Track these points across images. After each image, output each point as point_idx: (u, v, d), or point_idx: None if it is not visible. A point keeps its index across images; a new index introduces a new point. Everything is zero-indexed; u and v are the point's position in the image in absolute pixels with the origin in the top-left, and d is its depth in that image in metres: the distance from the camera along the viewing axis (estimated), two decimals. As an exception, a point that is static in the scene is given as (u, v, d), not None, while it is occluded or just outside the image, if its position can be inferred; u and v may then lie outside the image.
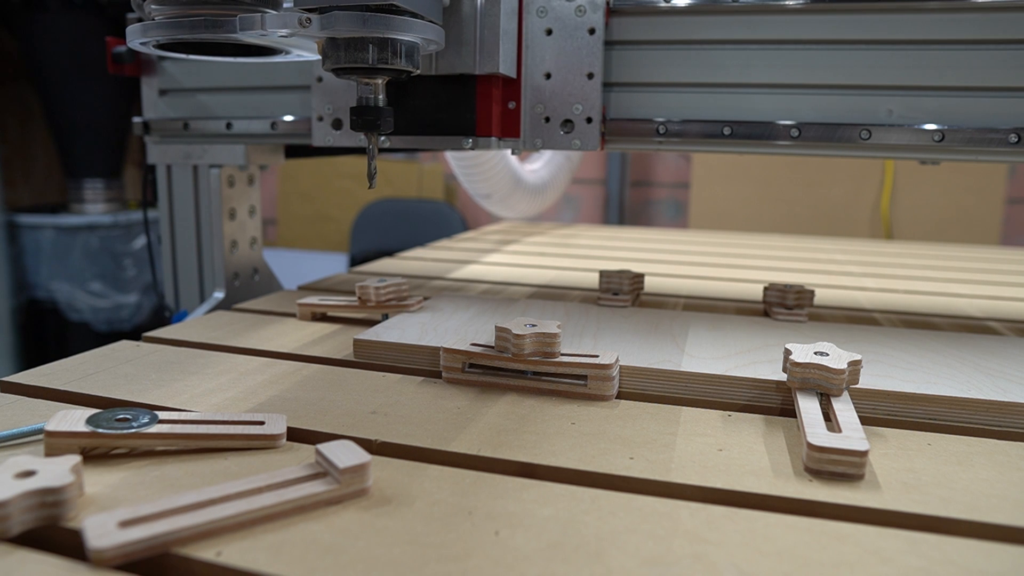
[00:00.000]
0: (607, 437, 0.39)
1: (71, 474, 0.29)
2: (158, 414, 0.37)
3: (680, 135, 0.62)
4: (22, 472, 0.29)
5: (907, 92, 0.58)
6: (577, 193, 2.09)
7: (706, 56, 0.61)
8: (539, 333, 0.45)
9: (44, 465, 0.30)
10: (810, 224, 1.77)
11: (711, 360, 0.49)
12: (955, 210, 1.72)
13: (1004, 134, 0.56)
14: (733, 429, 0.40)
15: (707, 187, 1.85)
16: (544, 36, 0.62)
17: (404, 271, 0.90)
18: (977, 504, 0.32)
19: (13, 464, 0.29)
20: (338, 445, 0.33)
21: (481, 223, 1.55)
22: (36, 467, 0.29)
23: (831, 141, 0.59)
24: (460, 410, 0.42)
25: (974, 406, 0.42)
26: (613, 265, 0.91)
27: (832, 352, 0.43)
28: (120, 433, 0.35)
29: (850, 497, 0.33)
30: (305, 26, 0.47)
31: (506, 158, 1.05)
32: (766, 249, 1.22)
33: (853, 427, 0.37)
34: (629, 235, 1.41)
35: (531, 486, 0.33)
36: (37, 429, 0.37)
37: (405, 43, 0.50)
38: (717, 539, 0.29)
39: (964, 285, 0.92)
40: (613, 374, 0.45)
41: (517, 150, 0.66)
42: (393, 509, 0.31)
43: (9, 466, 0.29)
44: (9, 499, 0.27)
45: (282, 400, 0.43)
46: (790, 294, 0.66)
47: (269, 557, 0.27)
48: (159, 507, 0.28)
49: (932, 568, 0.27)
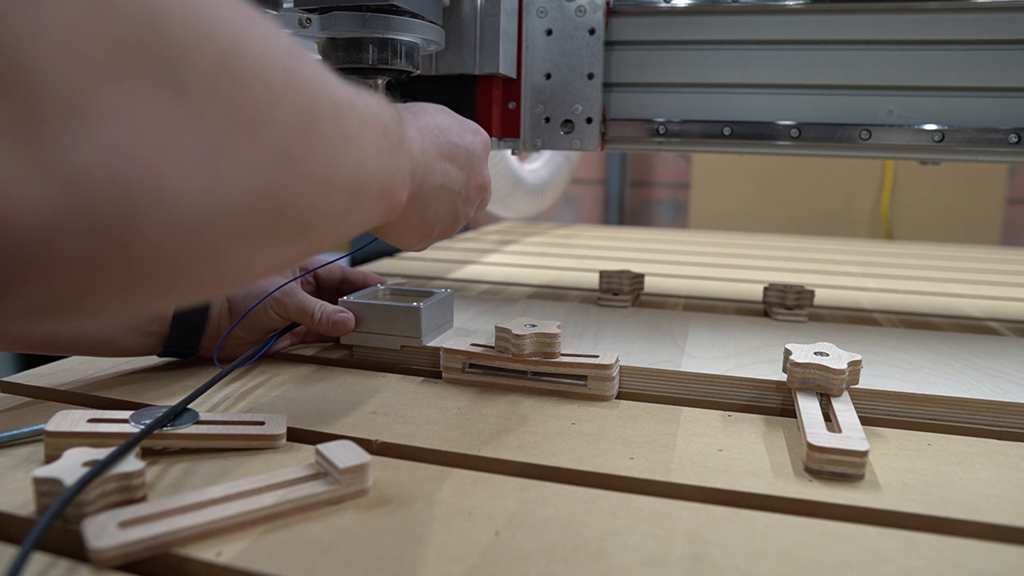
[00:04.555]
0: (607, 437, 0.39)
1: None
2: (197, 412, 0.37)
3: (680, 135, 0.62)
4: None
5: (907, 92, 0.58)
6: (577, 193, 2.09)
7: (706, 56, 0.61)
8: (539, 333, 0.45)
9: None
10: (810, 224, 1.77)
11: (711, 360, 0.49)
12: (955, 210, 1.72)
13: (1004, 134, 0.56)
14: (733, 429, 0.40)
15: (707, 187, 1.85)
16: (544, 36, 0.62)
17: (404, 271, 0.90)
18: (977, 504, 0.32)
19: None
20: (338, 445, 0.33)
21: (481, 223, 1.55)
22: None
23: (831, 141, 0.59)
24: (460, 410, 0.42)
25: (974, 406, 0.42)
26: (613, 265, 0.91)
27: (832, 352, 0.43)
28: (120, 433, 0.35)
29: (850, 497, 0.33)
30: (305, 26, 0.47)
31: (506, 158, 1.05)
32: (766, 249, 1.22)
33: (853, 427, 0.37)
34: (629, 235, 1.41)
35: (531, 486, 0.33)
36: (37, 430, 0.37)
37: (405, 43, 0.50)
38: (717, 539, 0.29)
39: (964, 285, 0.92)
40: (613, 374, 0.45)
41: (517, 150, 0.66)
42: (393, 509, 0.31)
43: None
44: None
45: (282, 400, 0.43)
46: (790, 294, 0.66)
47: (269, 557, 0.27)
48: (159, 507, 0.28)
49: (932, 568, 0.27)
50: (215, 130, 0.19)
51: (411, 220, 0.39)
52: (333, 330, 0.50)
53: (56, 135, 0.16)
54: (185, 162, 0.19)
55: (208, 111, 0.19)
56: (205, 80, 0.19)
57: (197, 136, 0.19)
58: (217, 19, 0.20)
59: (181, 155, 0.18)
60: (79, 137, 0.16)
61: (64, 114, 0.16)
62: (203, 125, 0.19)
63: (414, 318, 0.50)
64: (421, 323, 0.50)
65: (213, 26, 0.19)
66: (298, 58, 0.23)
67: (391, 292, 0.56)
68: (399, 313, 0.50)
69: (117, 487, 0.29)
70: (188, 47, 0.19)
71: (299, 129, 0.22)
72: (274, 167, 0.21)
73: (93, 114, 0.17)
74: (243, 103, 0.20)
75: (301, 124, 0.23)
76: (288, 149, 0.22)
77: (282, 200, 0.22)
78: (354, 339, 0.51)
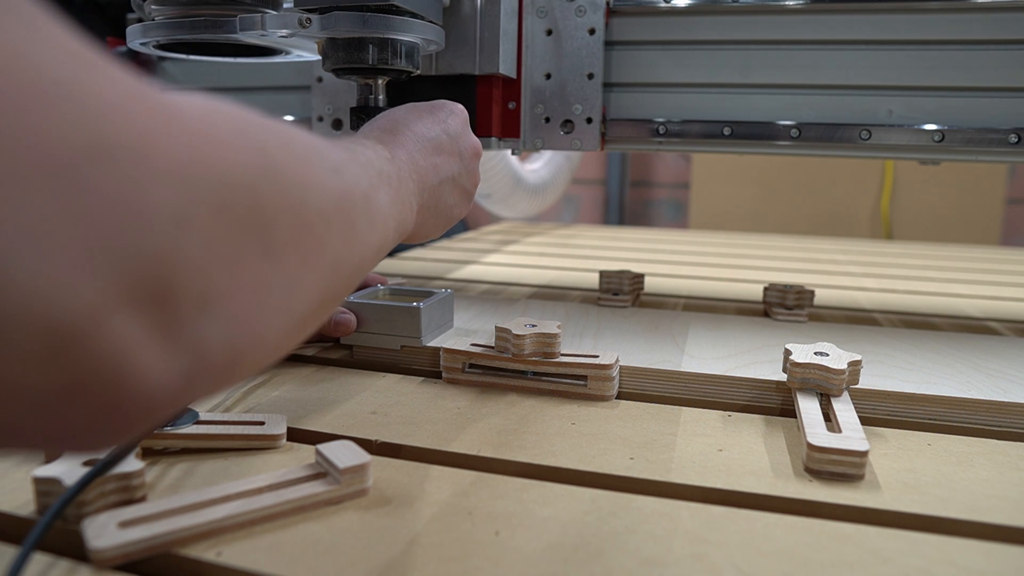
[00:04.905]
0: (607, 437, 0.39)
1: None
2: (198, 412, 0.37)
3: (680, 135, 0.62)
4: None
5: (907, 92, 0.58)
6: (577, 193, 2.09)
7: (706, 56, 0.61)
8: (539, 333, 0.45)
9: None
10: (810, 224, 1.77)
11: (711, 360, 0.49)
12: (955, 210, 1.72)
13: (1004, 134, 0.56)
14: (733, 429, 0.40)
15: (707, 187, 1.85)
16: (544, 36, 0.62)
17: (404, 271, 0.90)
18: (977, 504, 0.32)
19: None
20: (338, 445, 0.33)
21: (481, 223, 1.55)
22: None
23: (831, 141, 0.59)
24: (460, 410, 0.42)
25: (974, 406, 0.42)
26: (613, 265, 0.91)
27: (832, 352, 0.43)
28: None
29: (850, 497, 0.33)
30: (305, 26, 0.47)
31: (506, 158, 1.05)
32: (766, 249, 1.22)
33: (853, 427, 0.37)
34: (629, 235, 1.41)
35: (531, 486, 0.33)
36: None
37: (405, 43, 0.50)
38: (717, 539, 0.29)
39: (964, 285, 0.92)
40: (613, 374, 0.45)
41: (517, 150, 0.66)
42: (393, 509, 0.31)
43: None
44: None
45: (282, 400, 0.43)
46: (790, 294, 0.66)
47: (269, 557, 0.27)
48: (159, 507, 0.28)
49: (932, 568, 0.27)
50: (294, 274, 0.23)
51: (428, 222, 0.42)
52: (335, 330, 0.50)
53: (189, 323, 0.19)
54: (274, 308, 0.22)
55: (288, 260, 0.23)
56: (286, 237, 0.22)
57: (283, 284, 0.22)
58: (289, 178, 0.23)
59: (272, 304, 0.22)
60: (207, 319, 0.19)
61: (198, 305, 0.19)
62: (286, 273, 0.23)
63: (414, 318, 0.50)
64: (421, 323, 0.50)
65: (288, 186, 0.23)
66: (341, 174, 0.27)
67: (391, 292, 0.56)
68: (399, 313, 0.50)
69: (117, 487, 0.29)
70: (274, 213, 0.22)
71: (347, 238, 0.27)
72: (328, 276, 0.26)
73: (217, 296, 0.20)
74: (310, 243, 0.24)
75: (347, 232, 0.27)
76: (338, 258, 0.26)
77: (333, 294, 0.27)
78: (354, 339, 0.51)
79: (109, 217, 0.17)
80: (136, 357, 0.18)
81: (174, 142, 0.19)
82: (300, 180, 0.24)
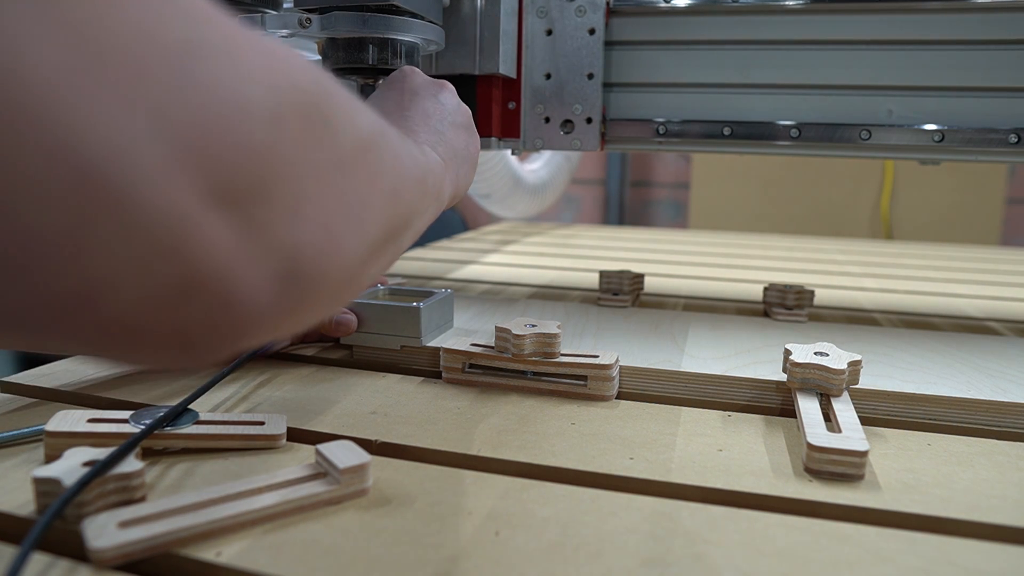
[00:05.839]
0: (607, 437, 0.39)
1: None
2: (198, 412, 0.37)
3: (680, 135, 0.62)
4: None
5: (907, 92, 0.58)
6: (577, 193, 2.09)
7: (706, 56, 0.61)
8: (539, 333, 0.45)
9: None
10: (810, 224, 1.77)
11: (711, 360, 0.49)
12: (955, 210, 1.72)
13: (1004, 134, 0.56)
14: (733, 429, 0.40)
15: (707, 187, 1.85)
16: (544, 36, 0.62)
17: (404, 271, 0.90)
18: (977, 504, 0.32)
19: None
20: (338, 445, 0.33)
21: (481, 223, 1.55)
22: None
23: (831, 141, 0.59)
24: (460, 410, 0.42)
25: (974, 406, 0.42)
26: (613, 265, 0.91)
27: (832, 352, 0.43)
28: (120, 433, 0.35)
29: (850, 497, 0.33)
30: (305, 26, 0.47)
31: (506, 158, 1.05)
32: (766, 249, 1.22)
33: (853, 427, 0.37)
34: (629, 235, 1.41)
35: (531, 486, 0.33)
36: (37, 430, 0.37)
37: (405, 43, 0.50)
38: (717, 539, 0.29)
39: (964, 285, 0.92)
40: (613, 374, 0.45)
41: (517, 150, 0.66)
42: (393, 509, 0.31)
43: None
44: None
45: (282, 400, 0.43)
46: (790, 294, 0.66)
47: (269, 557, 0.27)
48: (159, 507, 0.28)
49: (932, 568, 0.27)
50: (364, 191, 0.25)
51: (459, 171, 0.42)
52: (336, 330, 0.50)
53: (282, 224, 0.20)
54: (353, 222, 0.23)
55: (357, 176, 0.24)
56: (352, 153, 0.24)
57: (356, 200, 0.24)
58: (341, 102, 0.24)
59: (351, 218, 0.23)
60: (298, 222, 0.20)
61: (290, 206, 0.20)
62: (357, 190, 0.24)
63: (414, 318, 0.50)
64: (421, 323, 0.50)
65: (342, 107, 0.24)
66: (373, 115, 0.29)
67: (391, 292, 0.56)
68: (399, 313, 0.50)
69: (117, 487, 0.29)
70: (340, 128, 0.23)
71: (395, 166, 0.29)
72: (391, 203, 0.27)
73: (307, 200, 0.21)
74: (372, 162, 0.26)
75: (395, 160, 0.29)
76: (395, 186, 0.28)
77: (395, 228, 0.28)
78: (354, 339, 0.51)
79: (215, 107, 0.17)
80: (232, 255, 0.18)
81: (254, 49, 0.19)
82: (348, 106, 0.25)
